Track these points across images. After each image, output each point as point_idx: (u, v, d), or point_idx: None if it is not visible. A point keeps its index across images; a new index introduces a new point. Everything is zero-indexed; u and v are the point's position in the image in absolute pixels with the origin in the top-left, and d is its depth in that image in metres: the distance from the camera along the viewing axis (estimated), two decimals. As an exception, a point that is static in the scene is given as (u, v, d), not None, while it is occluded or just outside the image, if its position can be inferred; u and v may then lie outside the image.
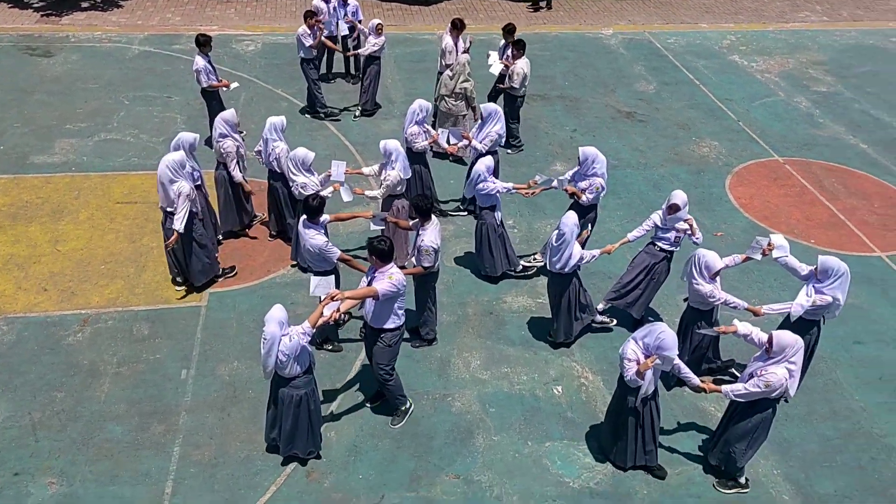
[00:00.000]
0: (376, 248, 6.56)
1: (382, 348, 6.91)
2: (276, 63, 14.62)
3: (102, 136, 11.92)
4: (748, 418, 6.46)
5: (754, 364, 6.38)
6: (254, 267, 9.28)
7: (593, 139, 12.33)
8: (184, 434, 7.09)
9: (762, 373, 6.21)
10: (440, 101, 11.46)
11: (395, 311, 6.76)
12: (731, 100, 14.17)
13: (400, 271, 6.69)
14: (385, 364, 7.01)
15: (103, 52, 14.83)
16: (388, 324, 6.80)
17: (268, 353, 6.13)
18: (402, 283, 6.64)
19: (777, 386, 6.15)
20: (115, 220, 9.98)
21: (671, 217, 7.98)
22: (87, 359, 7.86)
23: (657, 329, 6.26)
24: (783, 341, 6.18)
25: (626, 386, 6.49)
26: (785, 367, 6.19)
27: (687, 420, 7.51)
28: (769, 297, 9.03)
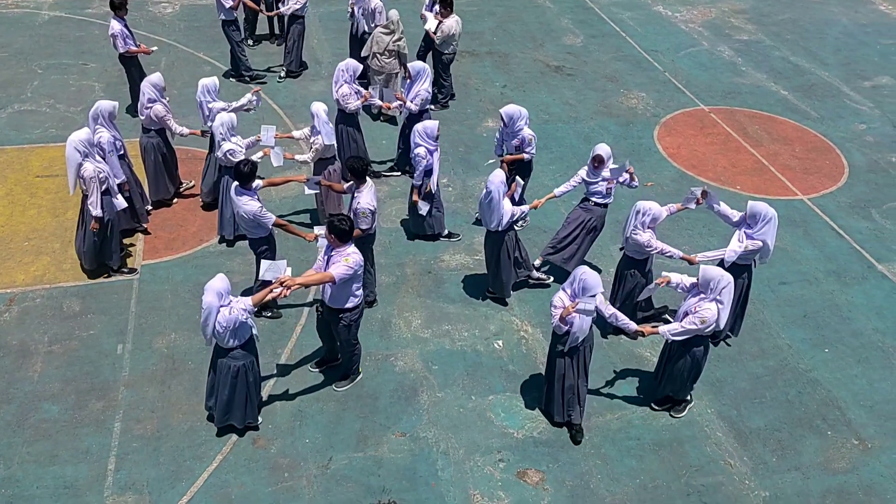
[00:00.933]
0: (336, 228, 6.43)
1: (344, 328, 6.90)
2: (197, 26, 14.12)
3: (16, 108, 11.37)
4: (684, 357, 6.78)
5: (687, 303, 6.65)
6: (186, 237, 9.09)
7: (523, 94, 12.40)
8: (124, 409, 7.00)
9: (696, 309, 6.47)
10: (372, 58, 11.30)
11: (353, 291, 6.72)
12: (657, 51, 14.41)
13: (358, 252, 6.60)
14: (350, 339, 7.04)
15: (10, 18, 14.03)
16: (347, 303, 6.76)
17: (204, 322, 6.07)
18: (360, 263, 6.57)
19: (711, 321, 6.44)
20: (36, 194, 9.60)
21: (597, 169, 8.13)
22: (17, 339, 7.62)
23: (578, 272, 6.43)
24: (707, 275, 6.45)
25: (556, 334, 6.68)
26: (716, 303, 6.46)
27: (624, 366, 7.80)
28: (698, 243, 9.37)
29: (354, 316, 6.88)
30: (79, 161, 7.66)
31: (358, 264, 6.53)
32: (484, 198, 7.72)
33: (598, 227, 8.48)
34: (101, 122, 8.27)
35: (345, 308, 6.78)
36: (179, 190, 9.69)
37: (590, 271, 6.42)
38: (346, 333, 6.97)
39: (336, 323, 6.89)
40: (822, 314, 8.58)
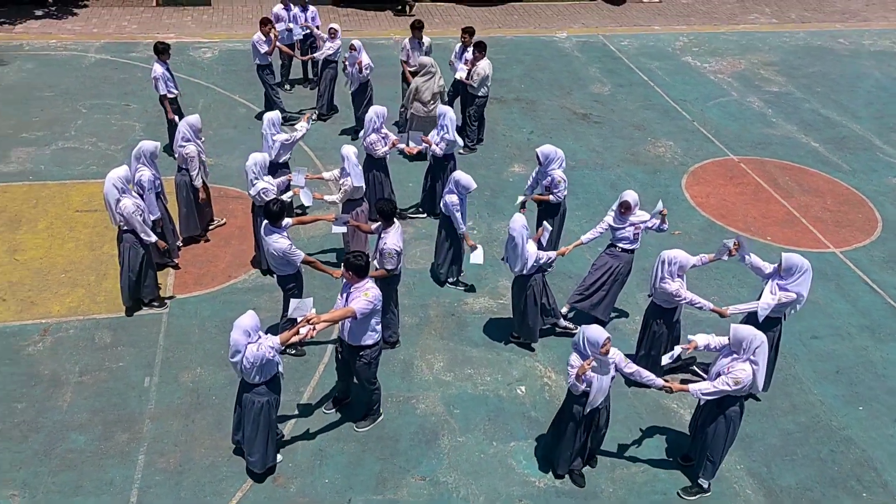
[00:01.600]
0: (353, 264, 6.52)
1: (363, 365, 6.93)
2: (234, 69, 14.59)
3: (60, 145, 11.78)
4: (717, 418, 6.53)
5: (720, 362, 6.45)
6: (215, 273, 9.27)
7: (550, 141, 12.42)
8: (148, 442, 7.07)
9: (729, 370, 6.27)
10: (412, 105, 11.50)
11: (372, 326, 6.76)
12: (686, 100, 14.51)
13: (375, 286, 6.67)
14: (369, 378, 7.08)
15: (59, 60, 14.63)
16: (366, 340, 6.80)
17: (232, 357, 6.16)
18: (378, 298, 6.63)
19: (745, 382, 6.20)
20: (75, 228, 9.88)
21: (624, 215, 8.16)
22: (49, 368, 7.79)
23: (581, 330, 6.30)
24: (739, 334, 6.26)
25: (573, 394, 6.50)
26: (750, 363, 6.25)
27: (650, 417, 7.68)
28: (728, 294, 9.29)
29: (374, 353, 6.92)
30: (116, 197, 7.91)
31: (377, 298, 6.60)
32: (508, 242, 7.79)
33: (625, 273, 8.46)
34: (143, 161, 8.56)
35: (364, 345, 6.82)
36: (209, 227, 9.92)
37: (591, 326, 6.30)
38: (365, 371, 7.00)
39: (356, 361, 6.93)
40: (856, 370, 8.40)
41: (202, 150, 9.34)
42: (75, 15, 16.77)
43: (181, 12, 17.34)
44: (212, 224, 9.96)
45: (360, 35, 16.48)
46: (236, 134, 12.36)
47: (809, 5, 20.33)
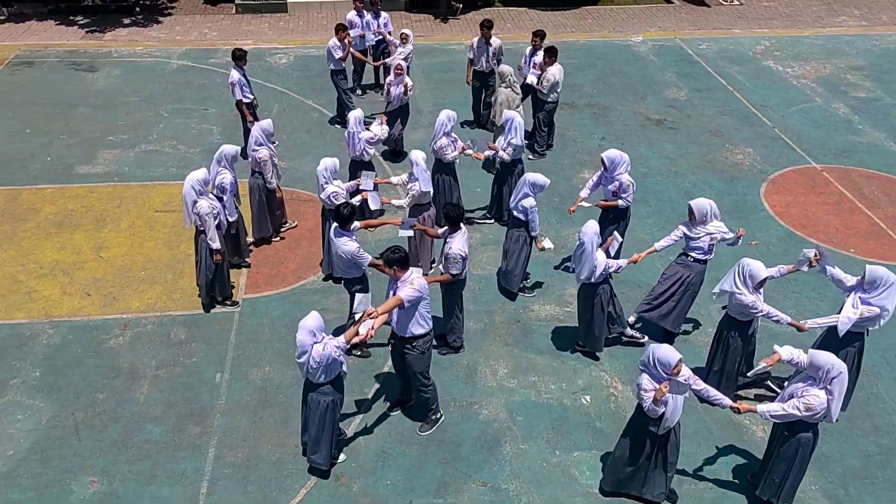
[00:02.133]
0: (393, 259, 6.66)
1: (415, 356, 7.00)
2: (308, 75, 14.92)
3: (143, 148, 12.30)
4: (788, 442, 6.27)
5: (794, 385, 6.17)
6: (285, 274, 9.49)
7: (622, 147, 12.20)
8: (218, 436, 7.29)
9: (803, 393, 6.00)
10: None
11: (421, 315, 6.84)
12: (766, 106, 14.04)
13: (421, 276, 6.80)
14: (421, 372, 7.12)
15: (144, 66, 15.29)
16: (417, 329, 6.88)
17: (299, 357, 6.29)
18: (425, 286, 6.74)
19: (817, 409, 5.93)
20: (155, 228, 10.30)
21: (698, 224, 7.94)
22: (128, 361, 8.13)
23: (649, 350, 6.10)
24: (817, 360, 5.95)
25: (646, 415, 6.27)
26: (825, 392, 5.94)
27: (721, 433, 7.46)
28: (807, 308, 8.94)
29: (425, 344, 6.98)
30: (194, 198, 8.20)
31: (424, 287, 6.70)
32: (577, 248, 7.69)
33: (697, 284, 8.22)
34: (223, 165, 8.85)
35: (415, 335, 6.89)
36: (281, 229, 10.15)
37: (661, 346, 6.09)
38: (417, 362, 7.02)
39: (408, 352, 6.99)
40: (943, 390, 7.96)
41: (274, 153, 9.59)
42: (160, 23, 17.49)
43: (259, 19, 17.87)
44: (284, 226, 10.20)
45: (432, 40, 16.67)
46: (309, 138, 12.63)
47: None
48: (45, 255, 9.68)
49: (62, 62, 15.31)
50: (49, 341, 8.35)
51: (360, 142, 9.63)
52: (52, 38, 16.43)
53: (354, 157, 9.80)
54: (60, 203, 10.77)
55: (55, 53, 15.72)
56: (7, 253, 9.71)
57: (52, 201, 10.81)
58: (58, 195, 10.96)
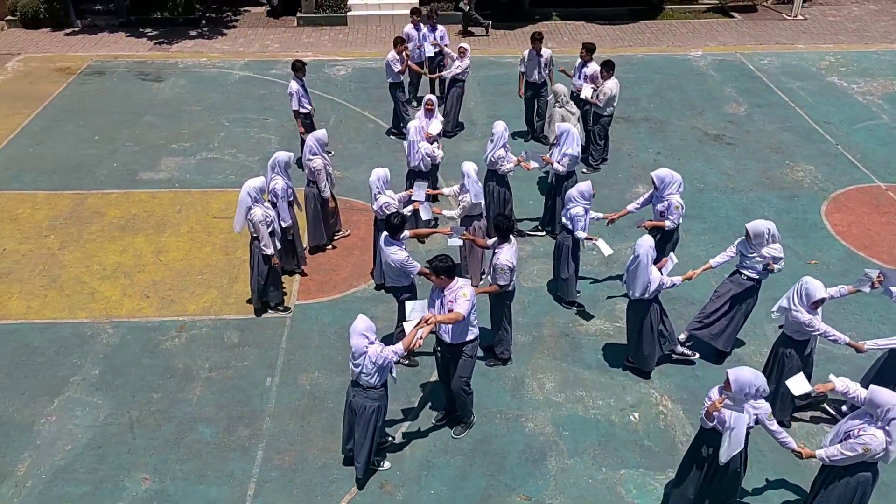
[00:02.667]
0: (441, 267, 6.74)
1: (465, 360, 7.10)
2: (365, 87, 15.14)
3: (204, 155, 12.66)
4: (846, 480, 5.99)
5: (851, 422, 5.91)
6: (337, 281, 9.62)
7: (678, 162, 12.14)
8: (267, 439, 7.42)
9: (860, 433, 5.74)
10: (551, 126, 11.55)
11: (471, 322, 6.94)
12: (830, 123, 13.64)
13: (468, 283, 6.89)
14: (467, 377, 7.20)
15: (208, 77, 15.76)
16: (469, 336, 7.00)
17: (355, 359, 6.43)
18: (473, 293, 6.86)
19: (876, 451, 5.69)
20: (213, 233, 10.58)
21: (753, 243, 7.75)
22: (182, 363, 8.35)
23: (731, 373, 5.89)
24: (877, 398, 5.69)
25: (704, 430, 6.16)
26: (884, 432, 5.69)
27: (773, 455, 7.22)
28: (867, 331, 8.62)
29: (475, 349, 7.12)
30: (248, 205, 8.39)
31: (473, 294, 6.81)
32: (630, 262, 7.59)
33: (750, 303, 8.02)
34: (277, 171, 9.05)
35: (465, 341, 6.99)
36: (334, 237, 10.32)
37: (744, 370, 5.88)
38: (465, 368, 7.11)
39: (460, 357, 7.07)
40: None
41: (328, 163, 9.75)
42: (224, 35, 18.01)
43: (319, 31, 18.24)
44: (337, 234, 10.36)
45: (488, 53, 16.74)
46: (364, 149, 12.81)
47: (978, 21, 18.63)
48: (107, 258, 10.04)
49: (131, 72, 15.91)
50: (109, 341, 8.64)
51: (418, 151, 9.73)
52: (122, 50, 17.11)
53: (413, 167, 9.90)
54: (124, 207, 11.16)
55: (124, 64, 16.34)
56: (73, 254, 10.10)
57: (116, 206, 11.21)
58: (122, 200, 11.37)
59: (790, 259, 9.91)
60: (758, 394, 5.88)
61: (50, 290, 9.42)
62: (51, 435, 7.45)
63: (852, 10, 19.71)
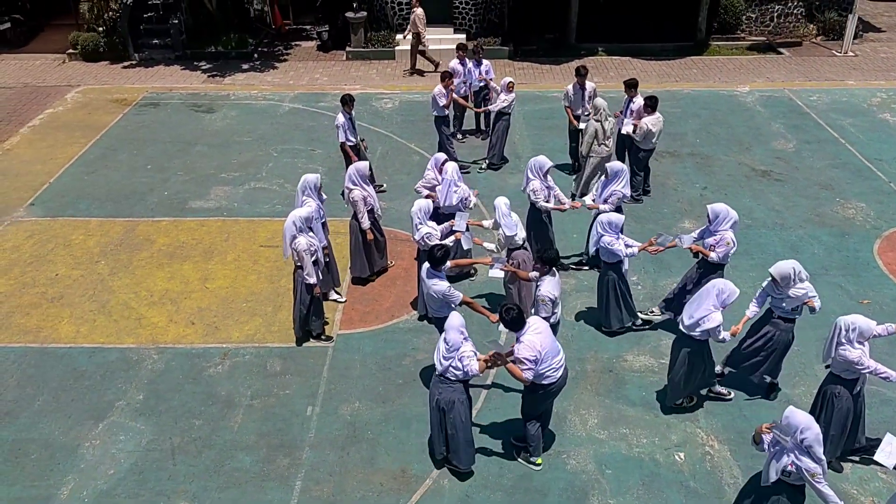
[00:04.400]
0: (506, 320, 6.79)
1: (529, 395, 7.13)
2: (411, 119, 15.33)
3: (252, 185, 12.92)
4: None
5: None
6: (379, 311, 9.64)
7: (724, 197, 11.95)
8: (306, 469, 7.41)
9: None
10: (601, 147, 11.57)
11: (541, 370, 6.85)
12: (882, 160, 13.33)
13: (534, 339, 6.73)
14: (528, 413, 7.25)
15: (258, 108, 16.16)
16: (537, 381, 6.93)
17: (449, 352, 6.69)
18: (534, 347, 6.69)
19: None
20: (258, 262, 10.73)
21: (779, 286, 7.54)
22: (225, 390, 8.42)
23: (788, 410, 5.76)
24: None
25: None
26: None
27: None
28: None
29: (542, 391, 7.02)
30: (293, 234, 8.50)
31: (536, 348, 6.68)
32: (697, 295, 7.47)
33: (785, 341, 7.81)
34: (307, 194, 9.18)
35: (533, 382, 6.93)
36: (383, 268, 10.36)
37: (799, 414, 5.69)
38: (528, 402, 7.16)
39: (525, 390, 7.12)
40: None
41: (369, 194, 9.77)
42: (275, 68, 18.48)
43: (367, 65, 18.60)
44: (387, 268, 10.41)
45: (534, 87, 16.84)
46: (409, 181, 12.88)
47: None
48: (155, 284, 10.25)
49: (184, 103, 16.40)
50: (154, 367, 8.77)
51: (454, 192, 9.57)
52: (176, 82, 17.67)
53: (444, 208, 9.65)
54: (173, 235, 11.42)
55: (178, 96, 16.86)
56: (122, 280, 10.34)
57: (166, 233, 11.48)
58: (171, 227, 11.63)
59: (842, 299, 9.68)
60: (803, 444, 5.61)
61: (98, 315, 9.63)
62: (94, 459, 7.55)
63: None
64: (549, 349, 6.78)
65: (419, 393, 8.24)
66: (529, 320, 6.87)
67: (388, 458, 7.51)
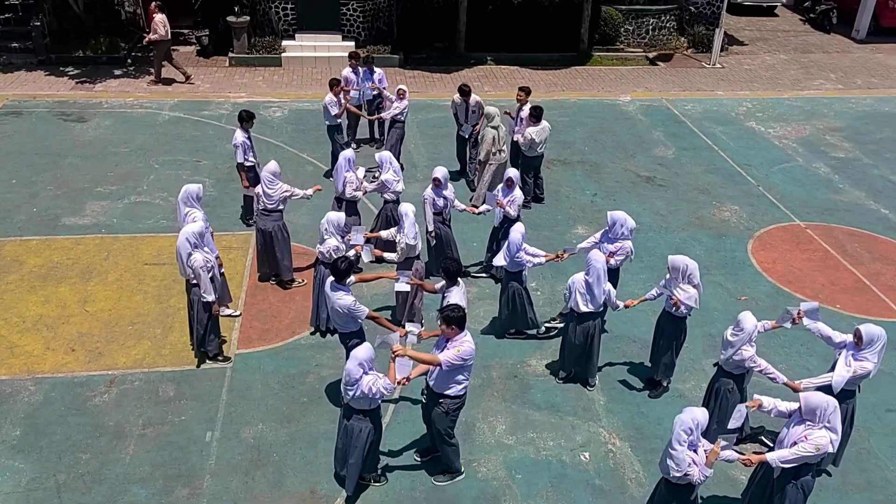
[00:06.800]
0: (453, 318, 6.62)
1: (440, 414, 6.93)
2: (302, 129, 14.99)
3: (132, 199, 12.18)
4: (794, 486, 6.28)
5: (791, 432, 6.22)
6: (279, 329, 9.32)
7: (614, 203, 12.45)
8: (208, 498, 7.02)
9: (807, 437, 6.09)
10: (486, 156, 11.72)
11: (458, 380, 6.77)
12: (751, 165, 14.31)
13: (471, 342, 6.70)
14: (446, 429, 7.04)
15: (135, 117, 15.29)
16: (449, 390, 6.81)
17: (348, 385, 6.45)
18: (470, 353, 6.65)
19: (826, 448, 6.06)
20: (144, 281, 10.12)
21: (674, 277, 7.96)
22: (113, 420, 7.86)
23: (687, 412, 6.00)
24: (811, 402, 6.09)
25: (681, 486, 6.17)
26: (827, 430, 6.08)
27: (717, 488, 7.35)
28: (796, 363, 8.97)
29: (454, 405, 6.90)
30: (189, 251, 8.07)
31: (469, 354, 6.64)
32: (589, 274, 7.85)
33: (676, 337, 8.20)
34: (190, 205, 8.77)
35: (445, 394, 6.83)
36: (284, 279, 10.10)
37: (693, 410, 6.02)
38: (441, 420, 6.94)
39: (434, 407, 6.93)
40: (936, 446, 7.94)
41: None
42: (151, 74, 17.56)
43: (252, 72, 18.03)
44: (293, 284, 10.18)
45: (426, 96, 16.89)
46: (302, 191, 12.60)
47: (875, 71, 20.04)
48: (28, 309, 9.44)
49: (51, 112, 15.28)
50: (31, 399, 8.06)
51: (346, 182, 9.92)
52: (41, 89, 16.43)
53: (338, 195, 10.16)
54: (46, 255, 10.57)
55: (44, 104, 15.68)
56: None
57: (37, 253, 10.61)
58: (43, 247, 10.77)
59: (722, 296, 10.27)
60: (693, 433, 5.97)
61: (-36, 345, 8.78)
62: (-33, 504, 6.86)
63: (765, 59, 20.91)
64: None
65: (325, 410, 8.02)
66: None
67: (296, 479, 7.25)
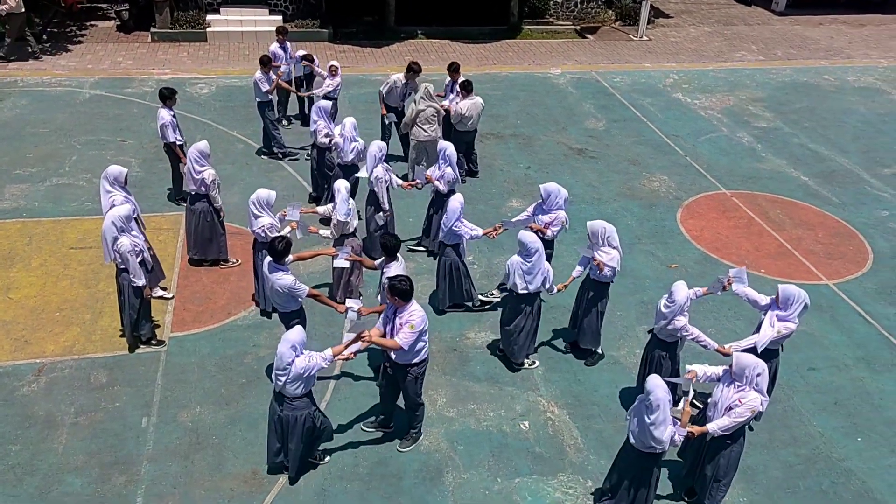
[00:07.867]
0: (399, 289, 6.65)
1: (411, 380, 7.08)
2: (231, 105, 14.63)
3: (54, 181, 11.71)
4: (725, 449, 6.60)
5: (723, 395, 6.46)
6: (214, 310, 9.17)
7: (547, 176, 12.61)
8: (146, 484, 6.92)
9: (741, 401, 6.33)
10: (417, 130, 11.57)
11: (417, 349, 6.90)
12: (678, 136, 14.69)
13: (420, 309, 6.79)
14: (417, 393, 7.21)
15: (53, 96, 14.63)
16: (415, 359, 6.96)
17: (279, 370, 6.34)
18: (422, 322, 6.75)
19: (759, 408, 6.35)
20: (70, 265, 9.77)
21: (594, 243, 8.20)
22: (43, 409, 7.62)
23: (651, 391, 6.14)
24: (741, 363, 6.35)
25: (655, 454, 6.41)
26: (756, 391, 6.36)
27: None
28: (724, 326, 9.33)
29: (421, 370, 7.09)
30: (115, 235, 7.83)
31: (421, 324, 6.74)
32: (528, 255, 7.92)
33: (595, 299, 8.42)
34: (117, 187, 8.53)
35: (412, 363, 6.96)
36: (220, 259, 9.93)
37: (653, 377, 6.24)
38: (412, 387, 7.13)
39: (404, 378, 7.05)
40: (853, 402, 8.42)
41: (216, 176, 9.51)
42: (69, 51, 16.81)
43: (177, 48, 17.44)
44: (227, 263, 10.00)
45: (358, 71, 16.68)
46: (234, 170, 12.34)
47: (794, 43, 20.77)
48: (-54, 298, 9.04)
49: (-39, 92, 14.49)
50: (-47, 390, 7.76)
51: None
52: (-52, 67, 15.55)
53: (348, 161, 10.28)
54: (-37, 241, 10.11)
55: (-47, 83, 14.86)
56: None
57: (-47, 239, 10.14)
58: (-40, 233, 10.29)
59: (654, 264, 10.59)
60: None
61: None
62: None
63: (690, 31, 21.42)
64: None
65: (265, 391, 7.94)
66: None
67: (237, 461, 7.20)
